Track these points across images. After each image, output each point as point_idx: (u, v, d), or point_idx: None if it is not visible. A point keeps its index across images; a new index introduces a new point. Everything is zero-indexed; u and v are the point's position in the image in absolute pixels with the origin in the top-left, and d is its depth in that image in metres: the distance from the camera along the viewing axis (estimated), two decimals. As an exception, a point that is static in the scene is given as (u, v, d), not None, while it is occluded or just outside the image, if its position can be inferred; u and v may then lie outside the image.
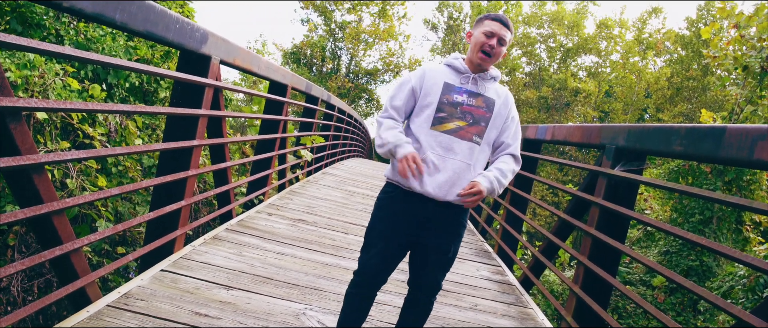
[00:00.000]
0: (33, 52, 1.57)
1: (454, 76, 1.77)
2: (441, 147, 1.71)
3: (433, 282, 1.82)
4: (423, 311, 1.88)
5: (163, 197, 2.66)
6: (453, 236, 1.78)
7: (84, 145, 4.65)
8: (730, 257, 1.76)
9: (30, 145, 1.65)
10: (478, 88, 1.76)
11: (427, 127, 1.72)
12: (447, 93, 1.74)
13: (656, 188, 2.42)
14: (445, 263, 1.80)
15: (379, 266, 1.79)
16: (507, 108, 1.80)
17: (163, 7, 2.22)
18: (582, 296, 2.63)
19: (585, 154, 20.19)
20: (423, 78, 1.78)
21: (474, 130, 1.73)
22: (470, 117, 1.73)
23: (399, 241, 1.76)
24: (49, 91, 4.13)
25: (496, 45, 1.72)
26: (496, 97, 1.78)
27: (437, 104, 1.73)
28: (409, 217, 1.73)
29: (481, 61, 1.74)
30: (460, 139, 1.71)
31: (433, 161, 1.70)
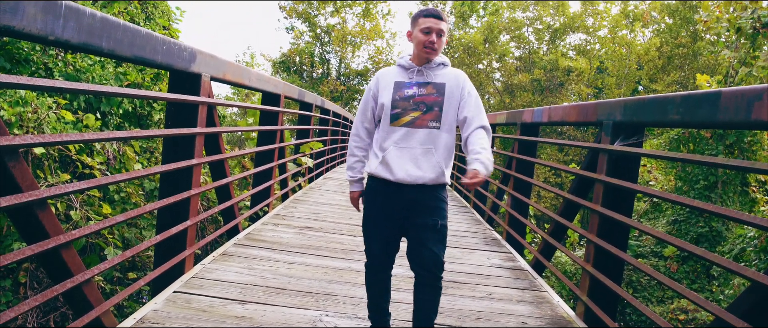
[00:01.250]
0: (25, 88, 1.57)
1: (403, 73, 1.95)
2: (401, 139, 1.90)
3: (432, 257, 1.92)
4: (431, 290, 1.97)
5: (168, 218, 2.66)
6: (436, 211, 1.93)
7: (84, 175, 4.65)
8: (738, 220, 1.76)
9: (30, 181, 1.65)
10: (426, 78, 1.93)
11: (387, 125, 1.92)
12: (398, 90, 1.92)
13: (658, 158, 2.42)
14: (437, 237, 1.93)
15: (380, 250, 2.00)
16: (459, 87, 1.93)
17: (149, 31, 2.22)
18: (595, 274, 2.63)
19: (583, 132, 20.18)
20: (377, 83, 1.98)
21: (429, 116, 1.89)
22: (423, 106, 1.90)
23: (390, 224, 1.96)
24: (44, 126, 4.13)
25: (435, 39, 1.87)
26: (446, 80, 1.93)
27: (391, 103, 1.91)
28: (393, 202, 1.94)
29: (427, 56, 1.91)
30: (417, 128, 1.89)
31: (395, 154, 1.90)
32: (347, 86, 24.74)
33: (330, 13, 24.78)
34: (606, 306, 2.59)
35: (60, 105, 4.52)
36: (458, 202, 6.77)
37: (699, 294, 7.89)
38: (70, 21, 1.70)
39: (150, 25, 7.54)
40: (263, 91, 4.36)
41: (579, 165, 16.12)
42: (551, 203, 18.63)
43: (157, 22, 7.42)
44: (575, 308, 2.83)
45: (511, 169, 4.69)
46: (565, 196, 3.31)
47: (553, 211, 4.36)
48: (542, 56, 23.68)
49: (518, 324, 2.52)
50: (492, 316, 2.59)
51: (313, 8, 24.56)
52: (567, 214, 3.43)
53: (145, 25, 7.70)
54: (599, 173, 2.79)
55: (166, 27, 7.25)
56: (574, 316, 2.72)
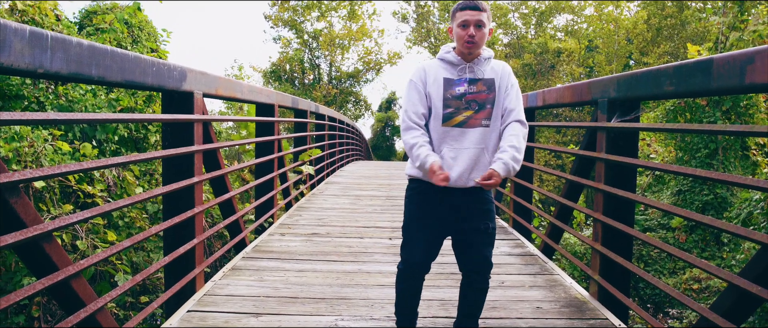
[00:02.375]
0: (20, 123, 1.57)
1: (451, 70, 1.87)
2: (454, 140, 1.84)
3: (482, 259, 1.91)
4: (480, 290, 1.97)
5: (175, 239, 2.66)
6: (485, 214, 1.90)
7: (86, 204, 4.65)
8: (742, 185, 1.76)
9: (34, 215, 1.65)
10: (476, 74, 1.86)
11: (439, 125, 1.85)
12: (449, 88, 1.85)
13: (656, 131, 2.42)
14: (487, 239, 1.91)
15: (423, 256, 1.93)
16: (506, 80, 1.89)
17: (137, 54, 2.22)
18: (605, 253, 2.63)
19: (579, 112, 20.18)
20: (425, 78, 1.88)
21: (482, 115, 1.84)
22: (475, 104, 1.84)
23: (436, 230, 1.90)
24: (41, 159, 4.12)
25: (475, 32, 1.79)
26: (494, 75, 1.87)
27: (443, 101, 1.84)
28: (440, 206, 1.87)
29: (469, 52, 1.83)
30: (470, 128, 1.83)
31: (449, 155, 1.83)
32: (340, 89, 24.73)
33: (316, 18, 24.78)
34: (619, 283, 2.59)
35: (55, 137, 4.52)
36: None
37: (710, 262, 7.91)
38: (58, 52, 1.70)
39: (137, 49, 7.54)
40: (257, 103, 4.36)
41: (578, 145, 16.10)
42: (554, 185, 18.64)
43: (144, 44, 7.41)
44: (588, 288, 2.83)
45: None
46: (567, 177, 3.31)
47: (557, 193, 4.36)
48: (531, 40, 23.67)
49: (533, 309, 2.52)
50: (506, 304, 2.59)
51: (299, 15, 24.56)
52: (571, 195, 3.43)
53: (133, 49, 7.70)
54: (599, 151, 2.79)
55: (155, 49, 7.24)
56: (588, 296, 2.72)
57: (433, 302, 2.56)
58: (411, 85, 1.90)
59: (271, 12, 24.81)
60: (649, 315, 2.30)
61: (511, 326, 2.32)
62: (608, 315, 2.46)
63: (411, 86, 1.90)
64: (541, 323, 2.36)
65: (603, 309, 2.53)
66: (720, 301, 1.89)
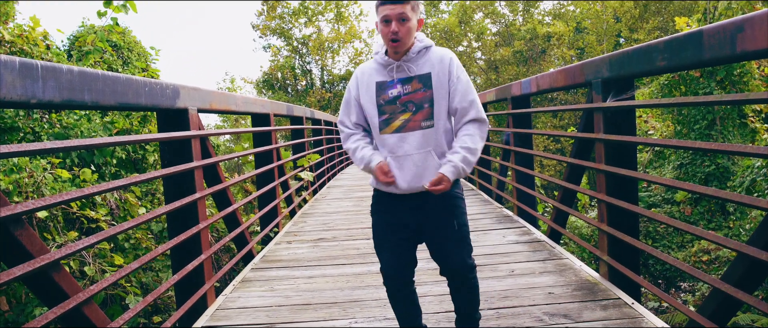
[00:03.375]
0: (18, 155, 1.57)
1: (382, 72, 1.73)
2: (395, 147, 1.71)
3: (458, 261, 1.78)
4: (468, 291, 1.85)
5: (182, 256, 2.66)
6: (449, 211, 1.75)
7: (91, 229, 4.65)
8: (742, 153, 1.76)
9: (40, 245, 1.65)
10: (408, 72, 1.70)
11: (377, 134, 1.75)
12: (381, 93, 1.71)
13: (652, 107, 2.42)
14: (458, 238, 1.77)
15: (395, 264, 1.82)
16: (446, 72, 1.69)
17: (128, 76, 2.22)
18: (612, 233, 2.63)
19: (574, 94, 20.17)
20: (358, 86, 1.77)
21: (420, 116, 1.69)
22: (412, 105, 1.69)
23: (402, 236, 1.78)
24: (42, 188, 4.12)
25: (398, 27, 1.62)
26: (430, 68, 1.69)
27: (377, 108, 1.72)
28: (401, 211, 1.77)
29: (395, 50, 1.67)
30: (410, 132, 1.69)
31: (393, 164, 1.72)
32: (333, 93, 24.72)
33: (303, 24, 24.76)
34: (628, 262, 2.59)
35: (54, 165, 4.52)
36: (464, 186, 6.78)
37: (717, 233, 7.90)
38: (49, 81, 1.70)
39: (129, 70, 7.53)
40: (252, 114, 4.35)
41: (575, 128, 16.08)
42: (555, 169, 18.64)
43: (135, 65, 7.41)
44: (598, 270, 2.83)
45: (510, 144, 4.69)
46: (568, 161, 3.31)
47: (559, 177, 4.36)
48: (520, 27, 23.66)
49: (545, 295, 2.52)
50: (518, 292, 2.59)
51: (286, 22, 24.55)
52: (573, 178, 3.43)
53: (124, 71, 7.70)
54: (597, 132, 2.79)
55: (145, 68, 7.24)
56: (598, 277, 2.72)
57: (427, 297, 2.57)
58: (347, 92, 1.82)
59: (259, 21, 24.80)
60: (661, 291, 2.30)
61: (524, 314, 2.32)
62: (620, 294, 2.46)
63: (347, 93, 1.82)
64: (554, 308, 2.36)
65: (615, 289, 2.53)
66: (731, 271, 1.89)
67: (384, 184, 1.74)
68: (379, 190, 1.81)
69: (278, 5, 24.29)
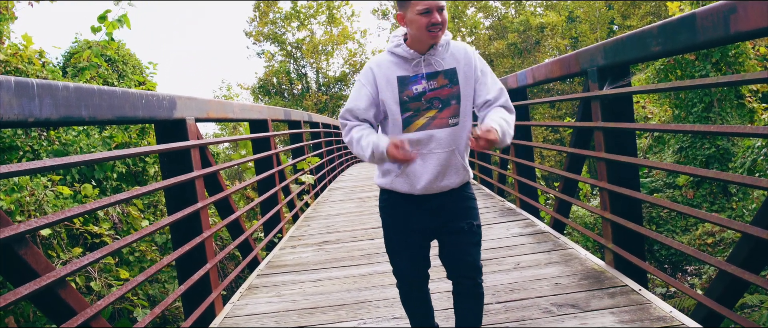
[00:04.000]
0: (19, 174, 1.57)
1: (405, 66, 1.61)
2: (419, 146, 1.60)
3: (470, 262, 1.69)
4: (475, 298, 1.74)
5: (188, 266, 2.66)
6: (466, 212, 1.69)
7: (95, 244, 4.65)
8: (741, 134, 1.76)
9: (45, 263, 1.65)
10: (434, 66, 1.60)
11: (399, 132, 1.61)
12: (404, 88, 1.59)
13: (649, 92, 2.42)
14: (472, 239, 1.69)
15: (411, 267, 1.76)
16: (471, 66, 1.62)
17: (124, 89, 2.22)
18: (615, 220, 2.63)
19: (570, 84, 20.17)
20: (375, 81, 1.62)
21: (447, 113, 1.59)
22: (438, 102, 1.59)
23: (417, 238, 1.71)
24: (44, 206, 4.12)
25: (439, 17, 1.52)
26: (455, 63, 1.61)
27: (400, 105, 1.59)
28: (419, 215, 1.68)
29: (434, 40, 1.56)
30: (436, 129, 1.60)
31: (419, 163, 1.61)
32: (330, 95, 24.73)
33: (296, 28, 24.77)
34: (633, 248, 2.59)
35: (55, 182, 4.52)
36: (465, 181, 6.77)
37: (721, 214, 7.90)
38: (46, 98, 1.70)
39: (125, 83, 7.53)
40: (249, 120, 4.36)
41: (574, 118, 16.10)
42: (556, 160, 18.64)
43: (131, 78, 7.41)
44: (604, 258, 2.83)
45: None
46: (567, 151, 3.31)
47: (559, 168, 4.36)
48: (513, 20, 23.65)
49: (552, 286, 2.52)
50: (525, 284, 2.59)
51: (279, 27, 24.55)
52: (573, 168, 3.43)
53: (120, 84, 7.70)
54: (595, 120, 2.79)
55: (142, 81, 7.24)
56: (604, 265, 2.73)
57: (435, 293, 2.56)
58: (359, 86, 1.64)
59: (251, 28, 24.81)
60: (668, 276, 2.30)
61: (532, 305, 2.32)
62: (627, 281, 2.46)
63: (359, 88, 1.64)
64: (561, 298, 2.36)
65: (621, 276, 2.53)
66: (736, 252, 1.89)
67: (399, 164, 1.60)
68: (390, 191, 1.70)
69: (270, 11, 24.30)
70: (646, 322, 2.02)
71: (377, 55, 1.70)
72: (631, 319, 2.06)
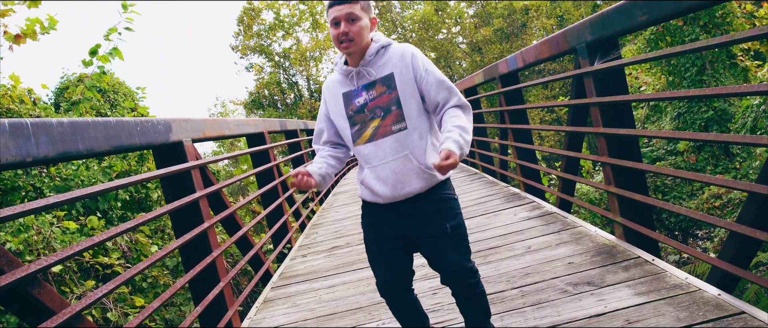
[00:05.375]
0: (23, 215, 1.57)
1: (347, 81, 1.63)
2: (371, 157, 1.61)
3: (457, 266, 1.65)
4: (476, 297, 1.72)
5: (201, 287, 2.66)
6: (444, 214, 1.64)
7: (107, 275, 4.66)
8: (737, 94, 1.76)
9: (59, 300, 1.65)
10: (369, 76, 1.59)
11: (352, 147, 1.67)
12: (349, 103, 1.62)
13: (640, 62, 2.41)
14: (454, 242, 1.64)
15: (389, 274, 1.72)
16: (409, 68, 1.58)
17: (119, 118, 2.22)
18: (620, 193, 2.63)
19: (560, 62, 20.15)
20: (326, 101, 1.68)
21: (389, 120, 1.58)
22: (380, 110, 1.58)
23: (393, 245, 1.68)
24: (52, 243, 4.13)
25: (347, 28, 1.52)
26: (392, 68, 1.59)
27: (348, 120, 1.62)
28: (391, 221, 1.66)
29: (348, 52, 1.57)
30: (382, 138, 1.59)
31: (371, 176, 1.63)
32: (323, 101, 24.68)
33: (281, 37, 24.76)
34: (642, 219, 2.59)
35: (60, 218, 4.52)
36: (467, 171, 6.78)
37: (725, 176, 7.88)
38: (41, 136, 1.70)
39: (118, 112, 7.54)
40: (246, 135, 4.36)
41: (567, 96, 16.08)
42: (555, 139, 18.63)
43: (123, 106, 7.41)
44: (614, 232, 2.83)
45: (506, 122, 4.69)
46: (565, 130, 3.31)
47: (558, 147, 4.36)
48: (496, 5, 23.62)
49: (566, 266, 2.52)
50: (538, 268, 2.59)
51: (264, 39, 24.55)
52: (573, 146, 3.43)
53: (113, 114, 7.70)
54: (590, 96, 2.79)
55: (134, 108, 7.25)
56: (615, 239, 2.72)
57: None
58: (319, 111, 1.75)
59: (237, 42, 24.82)
60: (679, 243, 2.30)
61: (548, 287, 2.32)
62: (639, 253, 2.46)
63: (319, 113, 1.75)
64: (576, 277, 2.36)
65: (633, 248, 2.53)
66: (744, 212, 1.89)
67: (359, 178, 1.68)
68: (367, 201, 1.71)
69: (253, 23, 24.30)
70: (663, 291, 2.02)
71: (330, 75, 1.73)
72: (648, 290, 2.06)
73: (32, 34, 4.30)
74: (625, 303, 2.00)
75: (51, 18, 4.40)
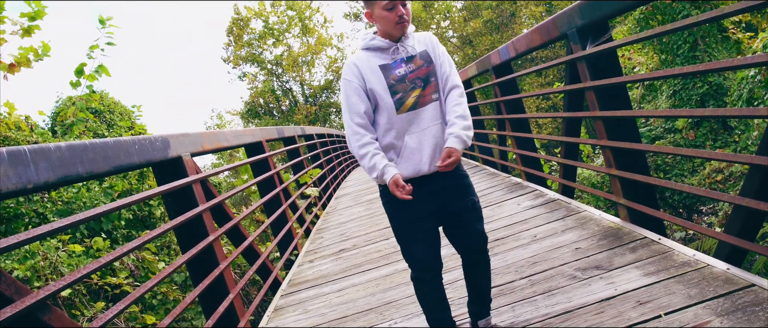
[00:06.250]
0: (28, 242, 1.57)
1: (383, 55, 1.75)
2: (413, 125, 1.73)
3: (477, 234, 1.83)
4: (484, 265, 1.89)
5: (211, 300, 2.66)
6: (465, 190, 1.81)
7: (116, 295, 4.66)
8: (731, 67, 1.76)
9: (70, 324, 1.65)
10: (409, 51, 1.76)
11: (393, 115, 1.72)
12: (388, 74, 1.73)
13: (632, 43, 2.41)
14: (475, 214, 1.82)
15: (426, 255, 1.80)
16: (433, 48, 1.81)
17: (116, 138, 2.22)
18: (622, 175, 2.63)
19: (552, 50, 20.14)
20: (360, 73, 1.74)
21: (429, 90, 1.75)
22: (420, 81, 1.74)
23: (427, 225, 1.79)
24: (59, 267, 4.13)
25: (403, 10, 1.70)
26: (425, 46, 1.79)
27: (389, 90, 1.72)
28: (424, 198, 1.76)
29: (403, 31, 1.74)
30: (424, 106, 1.74)
31: (413, 143, 1.73)
32: (318, 105, 24.72)
33: (272, 44, 24.75)
34: (645, 200, 2.59)
35: (65, 242, 4.53)
36: (468, 164, 6.78)
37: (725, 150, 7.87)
38: (41, 162, 1.70)
39: (115, 131, 7.54)
40: (245, 145, 4.36)
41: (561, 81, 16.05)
42: (553, 126, 18.63)
43: (119, 126, 7.41)
44: (618, 214, 2.83)
45: (503, 112, 4.69)
46: (563, 116, 3.31)
47: (557, 133, 4.35)
48: (485, -4, 23.57)
49: (573, 252, 2.52)
50: (546, 255, 2.59)
51: (255, 48, 24.54)
52: (571, 131, 3.44)
53: (109, 134, 7.70)
54: (584, 81, 2.79)
55: (131, 126, 7.25)
56: (620, 222, 2.73)
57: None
58: (346, 84, 1.75)
59: (228, 54, 24.80)
60: (684, 220, 2.30)
61: (557, 274, 2.32)
62: (646, 233, 2.46)
63: (347, 86, 1.75)
64: (584, 262, 2.36)
65: (639, 229, 2.53)
66: (747, 184, 1.89)
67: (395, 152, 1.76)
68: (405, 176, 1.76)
69: (243, 33, 24.28)
70: (672, 270, 2.02)
71: (352, 55, 1.82)
72: (657, 269, 2.06)
73: (26, 62, 4.29)
74: (634, 284, 2.00)
75: (44, 44, 4.39)
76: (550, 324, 1.92)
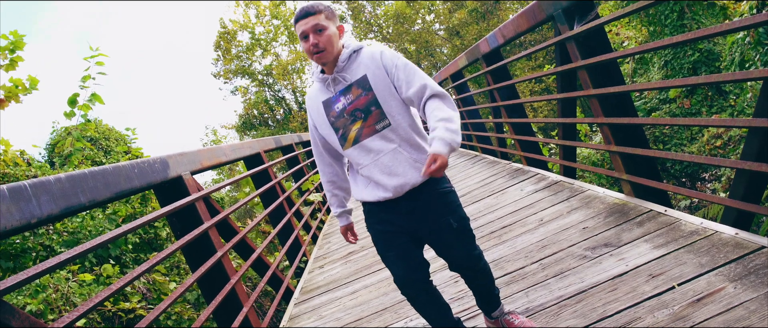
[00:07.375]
0: (37, 277, 1.57)
1: (325, 90, 1.67)
2: (361, 159, 1.65)
3: (464, 256, 1.72)
4: (481, 277, 1.80)
5: (225, 316, 2.66)
6: (444, 208, 1.66)
7: (130, 320, 4.66)
8: (720, 33, 1.76)
9: (88, 354, 1.65)
10: (344, 81, 1.63)
11: (342, 152, 1.70)
12: (329, 110, 1.66)
13: (619, 18, 2.41)
14: (459, 235, 1.68)
15: (404, 269, 1.72)
16: (380, 68, 1.61)
17: (115, 164, 2.22)
18: (622, 151, 2.63)
19: (539, 33, 20.13)
20: (310, 113, 1.74)
21: (371, 120, 1.61)
22: (359, 112, 1.62)
23: (402, 240, 1.70)
24: (71, 298, 4.13)
25: (316, 39, 1.57)
26: (365, 70, 1.62)
27: (331, 128, 1.67)
28: (393, 218, 1.69)
29: (322, 61, 1.61)
30: (368, 138, 1.62)
31: (365, 175, 1.67)
32: (313, 110, 24.65)
33: (261, 55, 24.73)
34: (647, 173, 2.60)
35: (74, 272, 4.53)
36: (467, 155, 6.78)
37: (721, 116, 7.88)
38: (42, 196, 1.70)
39: (112, 157, 7.53)
40: (243, 158, 4.36)
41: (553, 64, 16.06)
42: (548, 109, 18.63)
43: (116, 151, 7.41)
44: (622, 190, 2.83)
45: (497, 100, 4.69)
46: (557, 98, 3.31)
47: (552, 116, 4.35)
48: (468, -14, 23.54)
49: (581, 232, 2.52)
50: (554, 238, 2.59)
51: (243, 60, 24.53)
52: (567, 112, 3.44)
53: (107, 160, 7.70)
54: (575, 60, 2.79)
55: (127, 151, 7.24)
56: (625, 197, 2.73)
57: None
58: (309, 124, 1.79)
59: (217, 68, 24.80)
60: (688, 189, 2.31)
61: (567, 256, 2.32)
62: (651, 206, 2.46)
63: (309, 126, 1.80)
64: (593, 241, 2.36)
65: (644, 203, 2.53)
66: (747, 148, 1.89)
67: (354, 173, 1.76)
68: (367, 201, 1.72)
69: (231, 47, 24.28)
70: (681, 240, 2.02)
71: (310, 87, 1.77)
72: (666, 241, 2.07)
73: (15, 97, 4.29)
74: (645, 258, 2.00)
75: (31, 78, 4.38)
76: (566, 306, 1.92)
